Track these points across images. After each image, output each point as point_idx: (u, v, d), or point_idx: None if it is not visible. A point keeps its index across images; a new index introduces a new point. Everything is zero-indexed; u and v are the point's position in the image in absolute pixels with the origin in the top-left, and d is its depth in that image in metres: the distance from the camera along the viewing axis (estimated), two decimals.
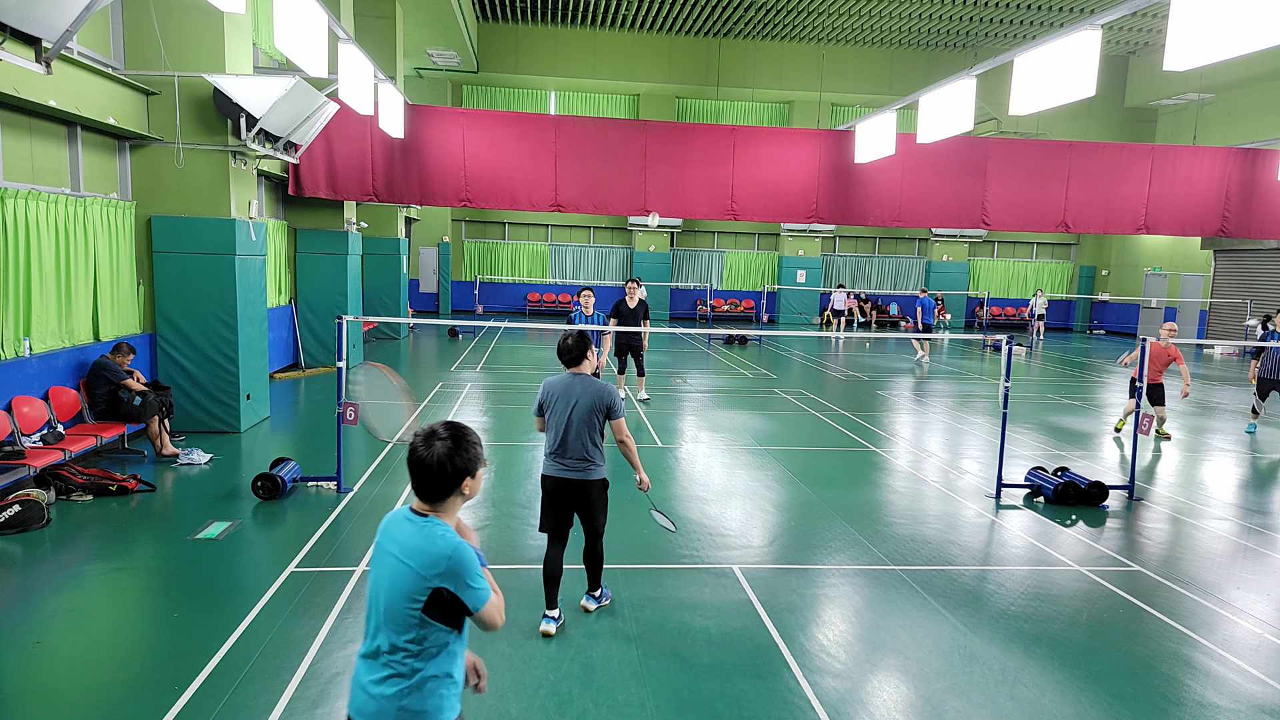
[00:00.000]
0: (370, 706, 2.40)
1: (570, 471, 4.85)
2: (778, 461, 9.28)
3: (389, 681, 2.38)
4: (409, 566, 2.36)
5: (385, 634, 2.40)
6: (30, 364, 7.76)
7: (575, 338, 4.87)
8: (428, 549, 2.35)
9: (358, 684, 2.46)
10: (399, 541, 2.41)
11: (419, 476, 2.39)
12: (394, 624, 2.39)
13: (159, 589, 5.57)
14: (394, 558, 2.40)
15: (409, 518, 2.45)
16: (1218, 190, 15.28)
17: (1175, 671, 4.74)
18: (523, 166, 13.82)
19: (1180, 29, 6.13)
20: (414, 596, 2.35)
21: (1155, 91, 26.22)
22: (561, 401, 4.84)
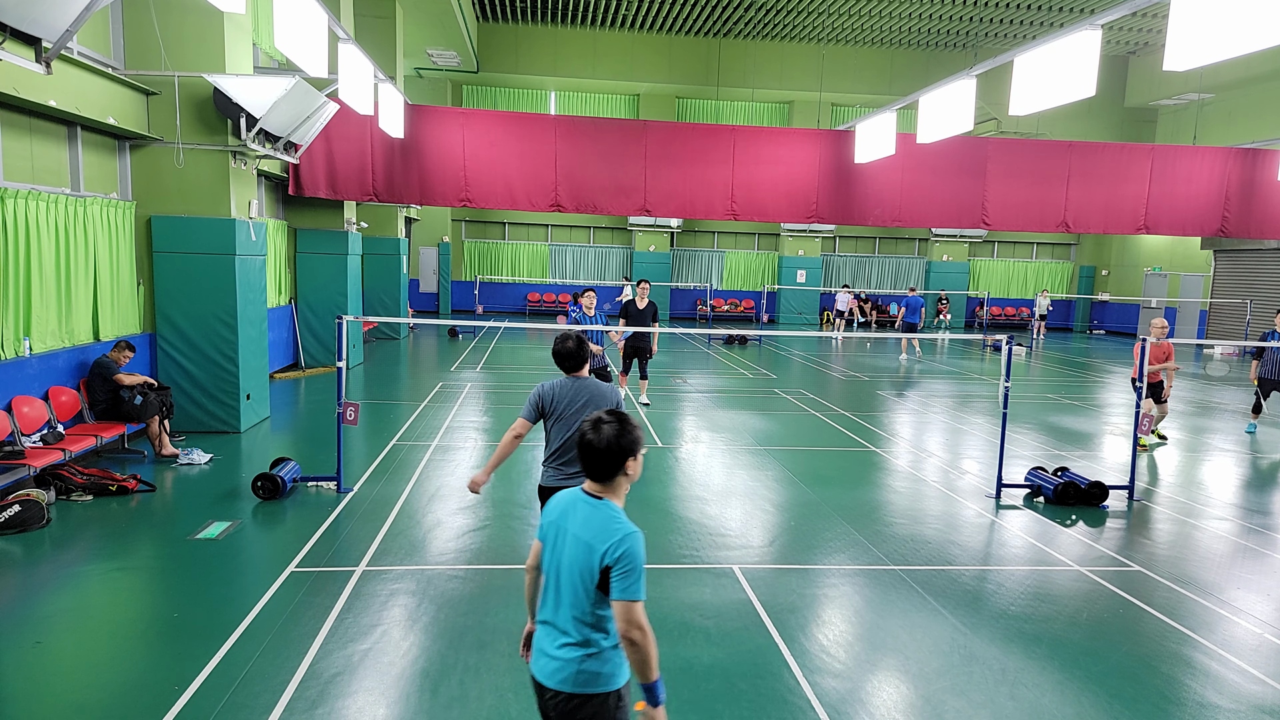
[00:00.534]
0: (551, 668, 2.64)
1: (573, 480, 4.49)
2: (778, 461, 9.28)
3: (568, 648, 2.62)
4: (589, 545, 2.59)
5: (565, 606, 2.64)
6: (30, 364, 7.76)
7: (575, 340, 4.59)
8: (607, 531, 2.58)
9: (539, 648, 2.71)
10: (580, 522, 2.64)
11: (590, 457, 2.64)
12: (572, 597, 2.62)
13: (159, 589, 5.57)
14: (576, 538, 2.63)
15: (585, 499, 2.69)
16: (1217, 190, 15.28)
17: (1175, 671, 4.74)
18: (523, 166, 13.81)
19: (1180, 29, 6.13)
20: (591, 573, 2.56)
21: (1155, 91, 26.22)
22: (568, 407, 4.53)
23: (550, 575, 2.71)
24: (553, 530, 2.73)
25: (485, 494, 7.69)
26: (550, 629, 2.68)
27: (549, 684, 2.65)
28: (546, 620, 2.71)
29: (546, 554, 2.75)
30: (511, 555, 6.18)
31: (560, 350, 4.61)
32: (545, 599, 2.73)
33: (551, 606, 2.69)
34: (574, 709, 2.62)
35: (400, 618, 5.10)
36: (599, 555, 2.55)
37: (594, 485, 2.70)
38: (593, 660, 2.62)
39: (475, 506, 7.32)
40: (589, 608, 2.60)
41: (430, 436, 9.95)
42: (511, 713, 4.09)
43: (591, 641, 2.62)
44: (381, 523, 6.80)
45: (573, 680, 2.62)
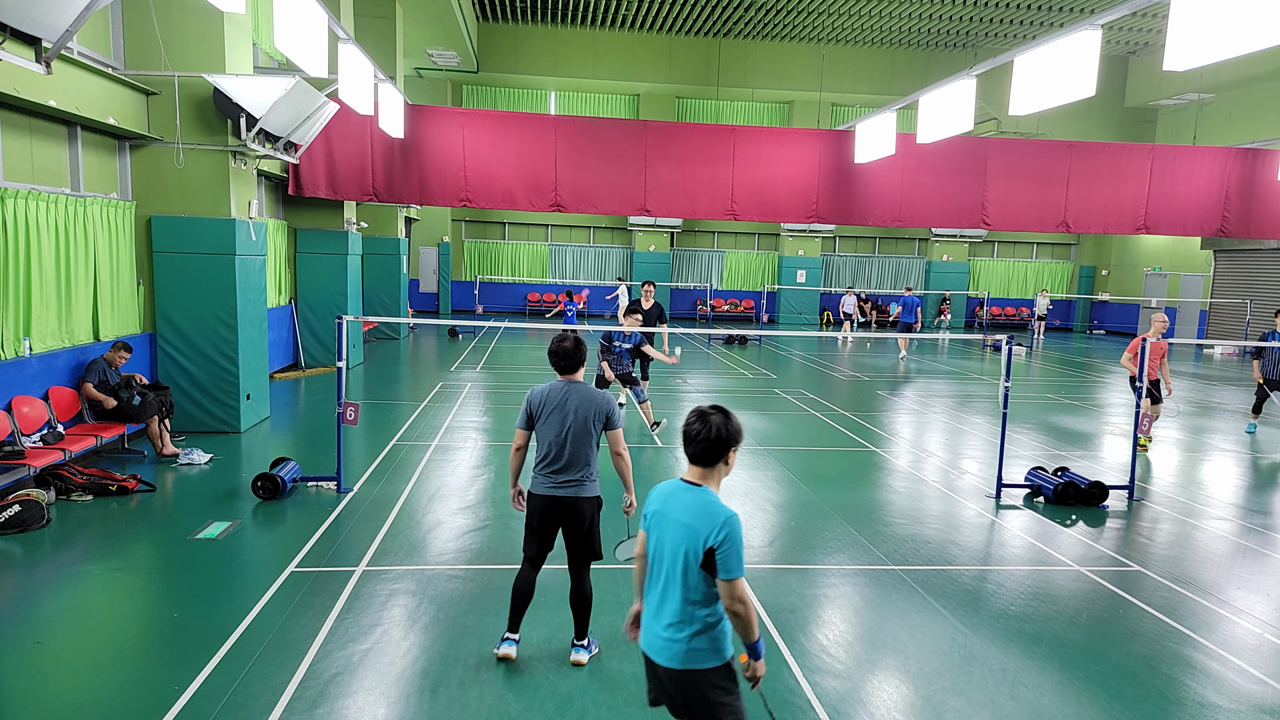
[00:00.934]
0: (658, 643, 2.88)
1: (564, 489, 4.43)
2: (778, 461, 9.28)
3: (677, 626, 2.84)
4: (693, 529, 2.80)
5: (672, 587, 2.86)
6: (30, 364, 7.76)
7: (573, 340, 4.46)
8: (709, 514, 2.80)
9: (649, 628, 2.95)
10: (682, 507, 2.86)
11: (699, 443, 2.86)
12: (680, 578, 2.84)
13: (159, 589, 5.57)
14: (679, 522, 2.85)
15: (685, 487, 2.91)
16: (1217, 190, 15.28)
17: (1175, 671, 4.74)
18: (523, 166, 13.81)
19: (1180, 29, 6.13)
20: (696, 554, 2.78)
21: (1155, 91, 26.23)
22: (557, 411, 4.41)
23: (655, 559, 2.95)
24: (656, 518, 2.96)
25: (485, 494, 7.70)
26: (658, 610, 2.90)
27: (661, 661, 2.88)
28: (654, 601, 2.93)
29: (651, 541, 2.98)
30: (512, 555, 6.17)
31: (556, 350, 4.48)
32: (652, 582, 2.96)
33: (660, 589, 2.91)
34: (689, 683, 2.85)
35: (400, 618, 5.10)
36: (703, 538, 2.77)
37: (695, 473, 2.92)
38: (700, 638, 2.83)
39: (475, 506, 7.32)
40: (694, 587, 2.82)
41: (430, 436, 9.95)
42: (511, 713, 4.09)
43: (697, 619, 2.83)
44: (381, 523, 6.80)
45: (683, 658, 2.84)
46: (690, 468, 2.94)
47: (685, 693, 2.87)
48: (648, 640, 2.95)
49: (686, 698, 2.88)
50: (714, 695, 2.85)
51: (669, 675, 2.88)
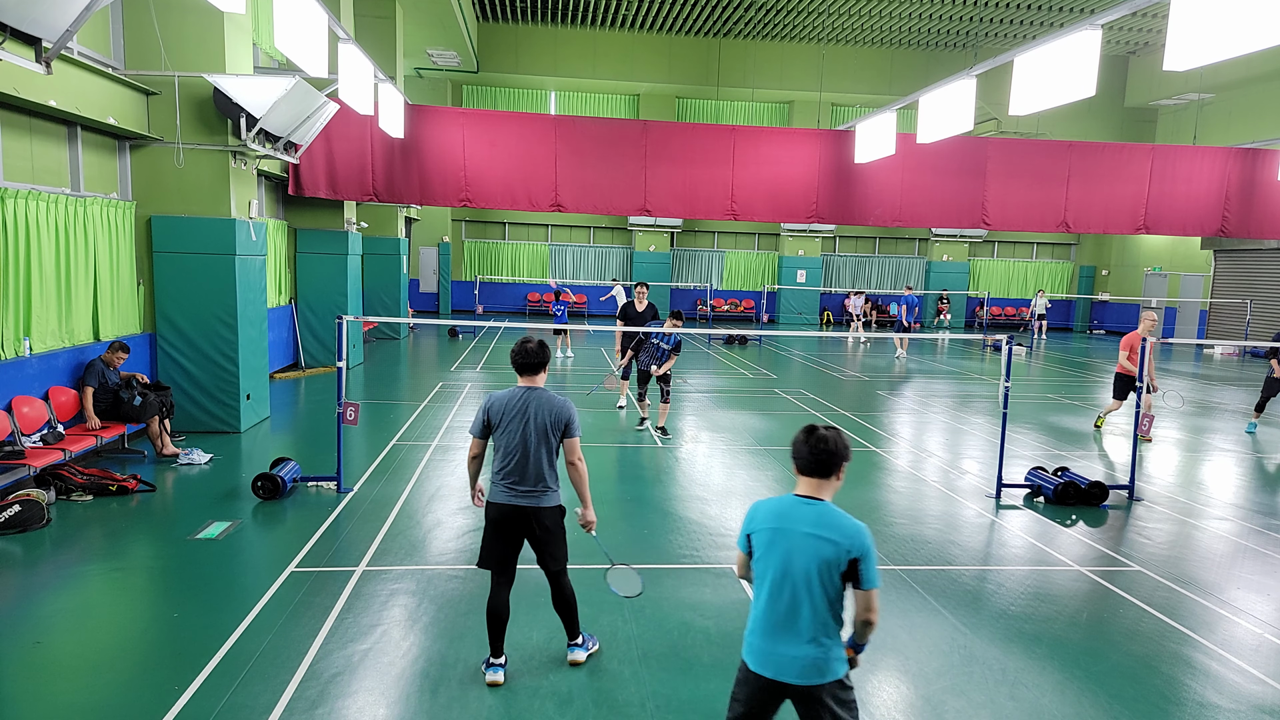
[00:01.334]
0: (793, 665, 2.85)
1: (524, 499, 4.31)
2: (778, 461, 9.27)
3: (815, 643, 2.84)
4: (830, 541, 2.83)
5: (804, 604, 2.85)
6: (30, 364, 7.76)
7: (537, 342, 4.32)
8: (844, 526, 2.84)
9: (768, 646, 2.90)
10: (810, 521, 2.87)
11: (820, 456, 2.89)
12: (818, 592, 2.84)
13: (159, 589, 5.57)
14: (809, 535, 2.86)
15: (806, 502, 2.92)
16: (1218, 190, 15.28)
17: (1175, 671, 4.74)
18: (523, 166, 13.81)
19: (1180, 29, 6.13)
20: (838, 565, 2.82)
21: (1155, 91, 26.23)
22: (516, 418, 4.26)
23: (780, 574, 2.89)
24: (770, 535, 2.93)
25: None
26: (787, 629, 2.88)
27: (795, 681, 2.86)
28: (775, 617, 2.89)
29: (768, 558, 2.92)
30: None
31: (519, 350, 4.31)
32: (772, 600, 2.90)
33: (785, 605, 2.87)
34: (821, 695, 2.86)
35: (400, 618, 5.10)
36: (844, 550, 2.81)
37: (809, 486, 2.94)
38: (836, 649, 2.89)
39: (472, 510, 7.30)
40: (830, 600, 2.85)
41: (430, 436, 9.94)
42: (511, 713, 4.09)
43: (832, 631, 2.88)
44: (381, 523, 6.80)
45: (819, 672, 2.86)
46: (803, 482, 2.96)
47: (811, 701, 2.88)
48: (766, 659, 2.90)
49: (813, 706, 2.89)
50: (845, 696, 2.92)
51: (801, 692, 2.88)
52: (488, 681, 4.34)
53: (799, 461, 2.95)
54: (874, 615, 2.88)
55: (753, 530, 3.00)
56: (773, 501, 3.01)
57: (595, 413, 11.69)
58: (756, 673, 2.93)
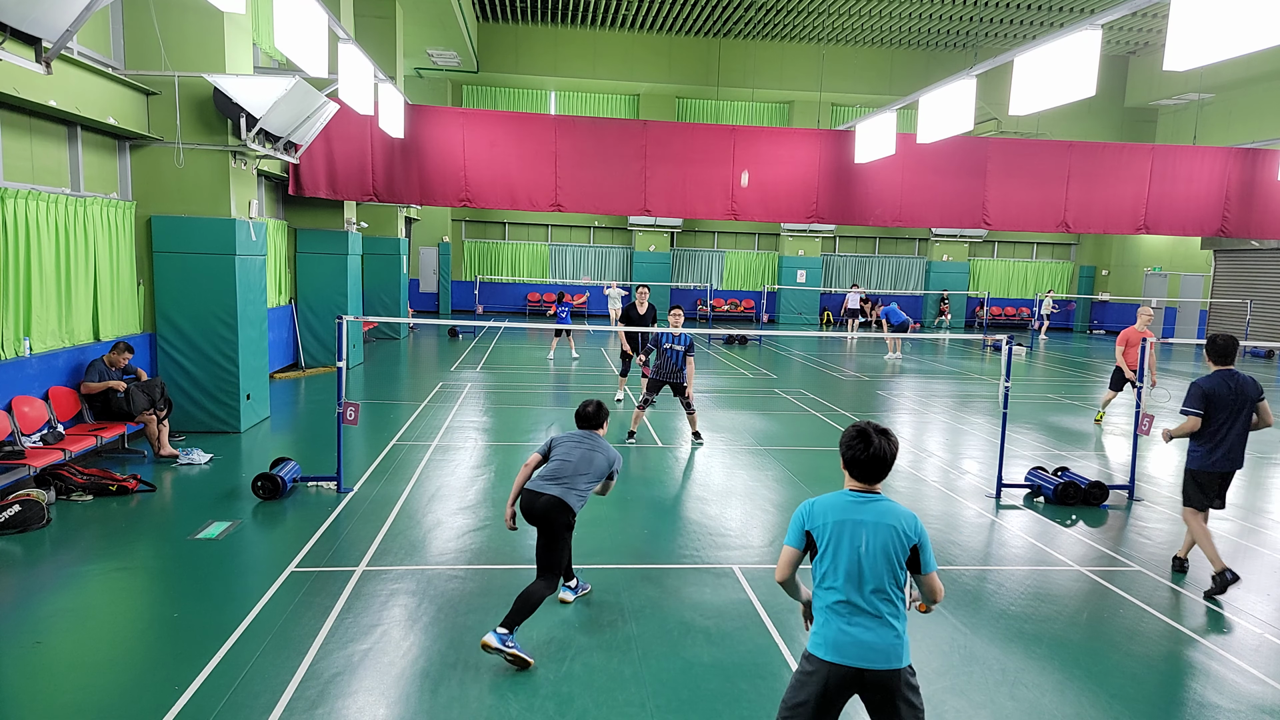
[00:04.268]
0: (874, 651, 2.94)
1: (550, 487, 4.83)
2: (778, 461, 9.27)
3: (884, 619, 2.98)
4: (895, 529, 3.01)
5: (881, 591, 2.99)
6: (30, 364, 7.76)
7: (595, 405, 5.18)
8: (904, 515, 3.04)
9: (841, 631, 2.99)
10: (877, 513, 3.04)
11: (877, 465, 3.04)
12: (883, 576, 2.99)
13: (159, 589, 5.57)
14: (880, 525, 3.02)
15: (865, 498, 3.08)
16: (1218, 190, 15.27)
17: (1175, 671, 4.74)
18: (523, 166, 13.81)
19: (1180, 29, 6.13)
20: (903, 551, 3.00)
21: (1155, 91, 26.23)
22: (577, 445, 5.03)
23: (851, 563, 3.02)
24: (835, 527, 3.06)
25: (485, 494, 7.70)
26: (854, 609, 2.99)
27: (876, 666, 2.94)
28: (848, 604, 3.00)
29: (832, 547, 3.05)
30: (511, 555, 6.17)
31: (581, 414, 5.20)
32: (837, 586, 3.03)
33: (854, 589, 3.00)
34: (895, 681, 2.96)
35: (400, 618, 5.10)
36: (907, 537, 3.00)
37: (861, 486, 3.09)
38: (903, 636, 3.00)
39: (475, 506, 7.32)
40: (892, 582, 3.00)
41: (430, 436, 9.95)
42: (511, 713, 4.09)
43: (902, 616, 3.01)
44: (381, 523, 6.80)
45: (897, 657, 2.97)
46: (854, 479, 3.10)
47: (888, 690, 2.97)
48: (838, 644, 2.98)
49: (889, 694, 2.97)
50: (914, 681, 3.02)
51: (878, 677, 2.95)
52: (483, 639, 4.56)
53: (855, 468, 3.07)
54: (940, 594, 3.13)
55: (812, 526, 3.10)
56: (828, 498, 3.12)
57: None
58: (832, 662, 2.98)
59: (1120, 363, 11.29)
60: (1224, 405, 5.99)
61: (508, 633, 4.50)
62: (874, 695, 2.98)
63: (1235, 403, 6.00)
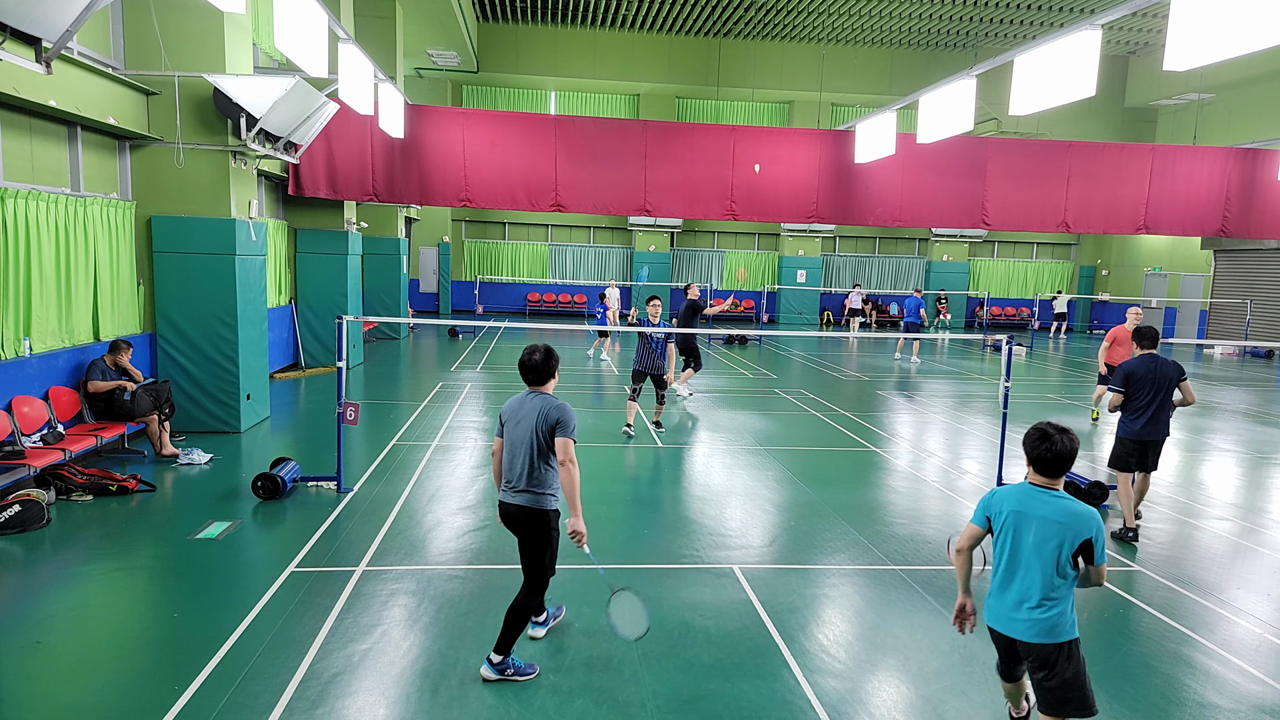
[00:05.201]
0: (1020, 624, 3.44)
1: (515, 498, 4.38)
2: (778, 461, 9.27)
3: (1044, 606, 3.39)
4: (1069, 526, 3.36)
5: (1034, 574, 3.41)
6: (30, 364, 7.76)
7: (542, 353, 4.47)
8: (1082, 513, 3.37)
9: (1004, 612, 3.51)
10: (1051, 509, 3.41)
11: (1059, 463, 3.39)
12: (1050, 566, 3.38)
13: (159, 589, 5.57)
14: (1050, 520, 3.39)
15: (1045, 493, 3.44)
16: (1218, 190, 15.27)
17: (1175, 671, 4.74)
18: (523, 166, 13.81)
19: (1180, 29, 6.13)
20: (1073, 545, 3.36)
21: (1155, 91, 26.23)
22: (513, 421, 4.44)
23: (1013, 552, 3.48)
24: (1014, 517, 3.48)
25: (485, 494, 7.70)
26: (1018, 593, 3.46)
27: (1025, 638, 3.44)
28: (1008, 589, 3.50)
29: (1009, 537, 3.49)
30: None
31: (525, 362, 4.48)
32: (1007, 572, 3.50)
33: (1020, 576, 3.46)
34: (1051, 655, 3.41)
35: (400, 618, 5.10)
36: (1080, 534, 3.35)
37: (1044, 480, 3.46)
38: (1062, 614, 3.40)
39: (475, 506, 7.32)
40: (1061, 573, 3.38)
41: (430, 436, 9.94)
42: (511, 713, 4.09)
43: (1060, 599, 3.40)
44: (381, 523, 6.80)
45: (1049, 633, 3.40)
46: (1036, 474, 3.47)
47: (1044, 660, 3.42)
48: (1004, 622, 3.52)
49: (1045, 663, 3.42)
50: (1073, 657, 3.42)
51: (1031, 649, 3.45)
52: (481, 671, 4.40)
53: (1039, 465, 3.45)
54: (1103, 580, 3.49)
55: (993, 513, 3.57)
56: (1012, 489, 3.55)
57: (596, 413, 11.68)
58: (997, 630, 3.57)
59: (1101, 358, 11.39)
60: (1145, 383, 6.86)
61: (503, 658, 4.36)
62: (1032, 661, 3.48)
63: (1156, 381, 6.84)
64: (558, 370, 4.58)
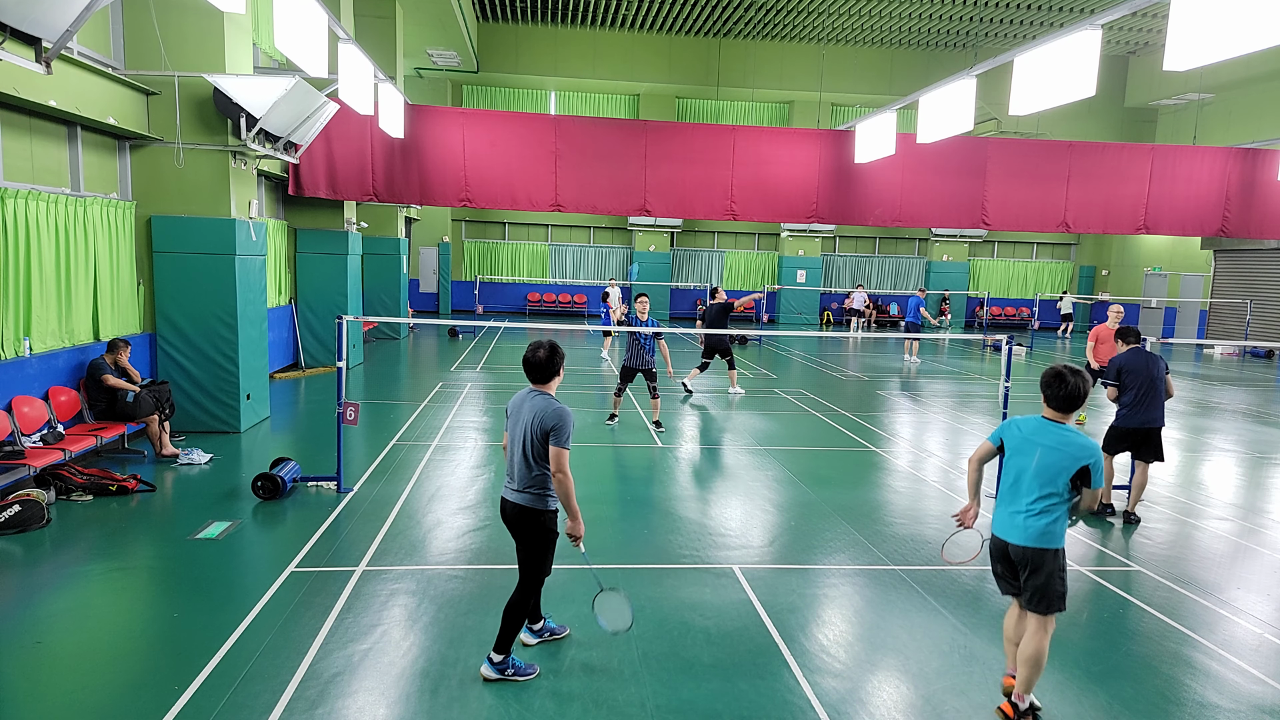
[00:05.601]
0: (1016, 527, 4.13)
1: (512, 495, 4.38)
2: (778, 461, 9.27)
3: (1040, 515, 4.07)
4: (1068, 454, 4.02)
5: (1033, 489, 4.08)
6: (30, 364, 7.76)
7: (547, 350, 4.37)
8: (1083, 443, 4.04)
9: (1005, 519, 4.20)
10: (1055, 437, 4.09)
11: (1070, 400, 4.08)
12: (1049, 485, 4.05)
13: (159, 589, 5.57)
14: (1052, 448, 4.06)
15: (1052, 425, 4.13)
16: (1218, 190, 15.27)
17: (1175, 671, 4.74)
18: (523, 166, 13.81)
19: (1180, 29, 6.13)
20: (1069, 471, 4.01)
21: (1155, 91, 26.22)
22: (514, 419, 4.42)
23: (1020, 470, 4.15)
24: (1021, 442, 4.18)
25: (485, 494, 7.70)
26: (1017, 506, 4.15)
27: (1015, 540, 4.12)
28: (1012, 498, 4.18)
29: (1019, 459, 4.17)
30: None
31: (528, 359, 4.40)
32: (1012, 486, 4.19)
33: (1024, 489, 4.13)
34: (1040, 559, 4.08)
35: (400, 618, 5.10)
36: (1080, 460, 4.00)
37: (1055, 415, 4.13)
38: (1053, 524, 4.06)
39: (475, 506, 7.32)
40: (1056, 491, 4.04)
41: (430, 436, 9.94)
42: (511, 713, 4.09)
43: (1053, 511, 4.06)
44: (381, 523, 6.80)
45: (1039, 538, 4.06)
46: (1049, 409, 4.13)
47: (1032, 563, 4.09)
48: (1005, 528, 4.18)
49: (1036, 566, 4.09)
50: (1055, 565, 4.10)
51: (1020, 551, 4.11)
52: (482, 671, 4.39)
53: (1053, 402, 4.11)
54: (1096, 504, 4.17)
55: (1008, 437, 4.26)
56: (1029, 419, 4.23)
57: (596, 412, 11.68)
58: (999, 536, 4.21)
59: (1090, 358, 11.44)
60: (1137, 374, 7.32)
61: (503, 657, 4.35)
62: (1018, 563, 4.14)
63: (1146, 373, 7.31)
64: (563, 368, 4.49)
